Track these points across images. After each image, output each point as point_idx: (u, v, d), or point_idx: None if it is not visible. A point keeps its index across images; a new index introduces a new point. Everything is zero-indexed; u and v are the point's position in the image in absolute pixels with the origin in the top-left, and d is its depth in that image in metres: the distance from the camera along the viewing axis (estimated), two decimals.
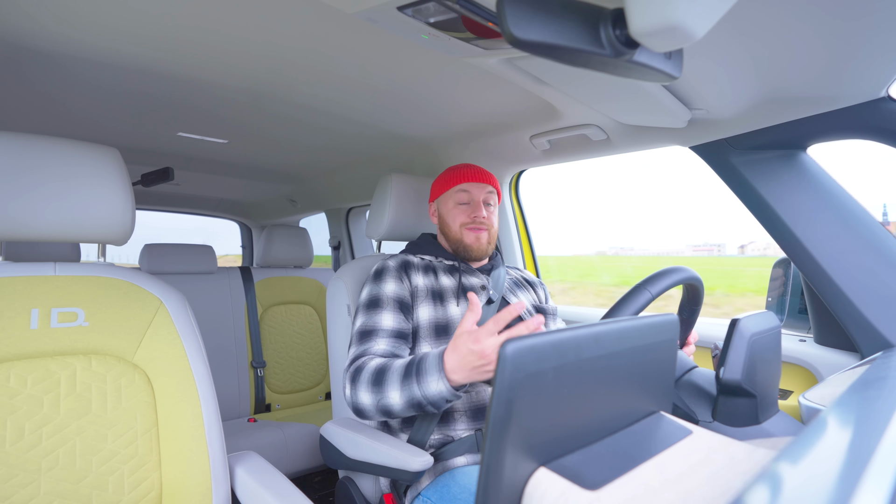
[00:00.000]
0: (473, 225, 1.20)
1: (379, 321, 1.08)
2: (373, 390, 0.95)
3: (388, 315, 1.09)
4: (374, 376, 0.96)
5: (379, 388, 0.94)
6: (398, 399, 0.91)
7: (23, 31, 0.85)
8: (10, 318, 0.82)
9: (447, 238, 1.24)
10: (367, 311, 1.10)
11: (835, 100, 0.91)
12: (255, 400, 2.05)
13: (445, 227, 1.24)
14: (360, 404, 0.97)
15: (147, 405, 0.89)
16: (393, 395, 0.92)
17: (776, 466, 0.34)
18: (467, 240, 1.20)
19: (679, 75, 0.48)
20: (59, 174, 0.84)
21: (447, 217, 1.23)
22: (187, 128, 1.46)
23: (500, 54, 0.84)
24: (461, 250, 1.21)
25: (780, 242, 1.08)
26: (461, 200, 1.22)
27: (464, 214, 1.21)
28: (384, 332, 1.06)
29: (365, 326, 1.08)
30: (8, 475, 0.77)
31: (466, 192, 1.22)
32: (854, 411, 0.50)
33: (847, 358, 1.12)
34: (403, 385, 0.91)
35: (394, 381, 0.93)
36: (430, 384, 0.88)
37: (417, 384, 0.89)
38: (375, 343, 1.05)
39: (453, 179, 1.23)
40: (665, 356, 0.56)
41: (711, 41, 0.72)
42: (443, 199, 1.25)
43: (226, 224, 3.27)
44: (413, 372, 0.91)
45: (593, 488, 0.40)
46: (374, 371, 0.96)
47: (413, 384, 0.90)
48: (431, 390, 0.87)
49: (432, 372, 0.88)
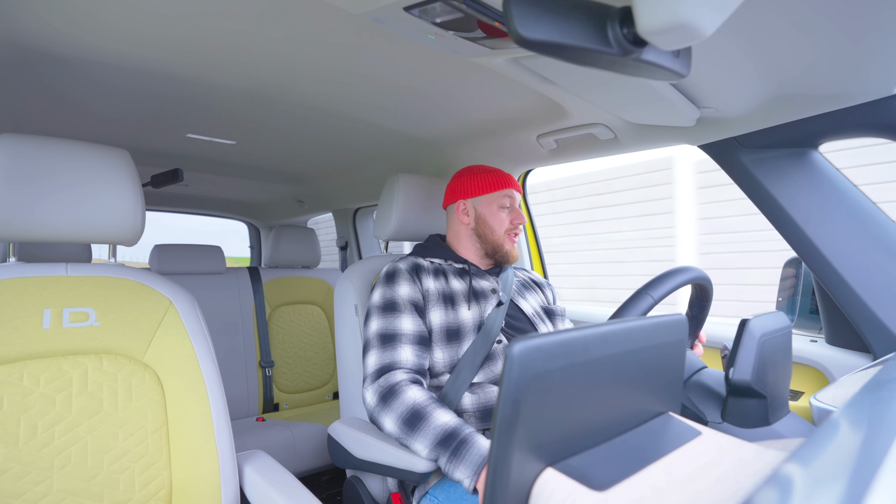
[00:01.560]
0: (514, 231, 1.22)
1: (399, 325, 1.07)
2: (401, 427, 0.93)
3: (406, 319, 1.08)
4: (408, 415, 0.94)
5: (409, 431, 0.92)
6: (422, 452, 0.90)
7: (36, 34, 0.86)
8: (23, 318, 0.83)
9: (485, 241, 1.22)
10: (384, 313, 1.09)
11: (846, 97, 0.90)
12: (263, 399, 2.06)
13: (486, 230, 1.22)
14: (383, 426, 0.97)
15: (157, 404, 0.90)
16: (419, 447, 0.91)
17: (786, 468, 0.33)
18: (507, 246, 1.21)
19: (687, 73, 0.48)
20: (70, 176, 0.85)
21: (490, 220, 1.21)
22: (196, 129, 1.47)
23: (507, 54, 0.84)
24: (500, 255, 1.22)
25: (790, 241, 1.07)
26: (505, 205, 1.22)
27: (507, 220, 1.21)
28: (406, 338, 1.06)
29: (385, 330, 1.07)
30: (21, 473, 0.78)
31: (511, 199, 1.23)
32: (866, 413, 0.49)
33: (859, 359, 1.10)
34: (434, 448, 0.89)
35: (427, 437, 0.90)
36: (457, 471, 0.85)
37: (448, 461, 0.87)
38: (401, 350, 1.04)
39: (499, 183, 1.22)
40: (674, 356, 0.56)
41: (720, 38, 0.71)
42: (484, 200, 1.22)
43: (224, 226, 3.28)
44: (451, 448, 0.87)
45: (601, 489, 0.40)
46: (410, 409, 0.94)
47: (444, 458, 0.87)
48: (455, 476, 0.86)
49: (467, 466, 0.84)
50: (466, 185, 1.24)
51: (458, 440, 0.88)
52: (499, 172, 1.24)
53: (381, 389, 0.99)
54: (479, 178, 1.24)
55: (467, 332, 1.11)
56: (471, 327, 1.12)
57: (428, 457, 0.90)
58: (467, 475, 0.84)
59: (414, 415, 0.93)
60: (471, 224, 1.24)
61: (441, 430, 0.90)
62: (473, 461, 0.84)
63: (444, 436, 0.89)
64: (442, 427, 0.90)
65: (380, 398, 0.98)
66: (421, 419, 0.92)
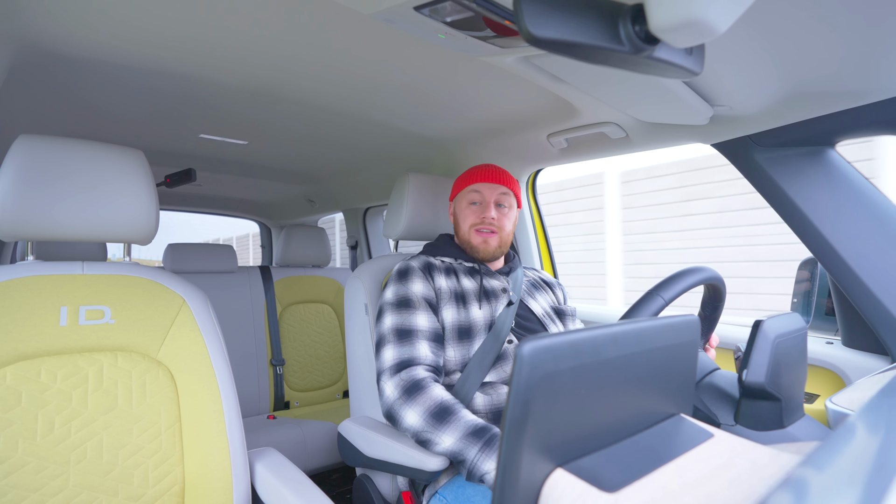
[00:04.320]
0: (482, 226, 1.19)
1: (414, 321, 1.07)
2: (428, 420, 0.93)
3: (422, 315, 1.08)
4: (437, 409, 0.93)
5: (437, 424, 0.92)
6: (448, 445, 0.89)
7: (52, 37, 0.88)
8: (40, 316, 0.85)
9: (458, 238, 1.24)
10: (399, 309, 1.09)
11: (863, 94, 0.88)
12: (274, 397, 2.08)
13: (457, 227, 1.24)
14: (402, 418, 0.95)
15: (171, 401, 0.92)
16: (446, 438, 0.90)
17: (801, 472, 0.33)
18: (474, 241, 1.20)
19: (701, 71, 0.48)
20: (87, 176, 0.87)
21: (459, 217, 1.24)
22: (209, 129, 1.49)
23: (518, 52, 0.84)
24: (469, 251, 1.22)
25: (806, 242, 1.05)
26: (472, 200, 1.22)
27: (474, 215, 1.21)
28: (423, 334, 1.06)
29: (401, 326, 1.06)
30: (39, 467, 0.79)
31: (478, 193, 1.22)
32: (884, 416, 0.48)
33: (876, 361, 1.08)
34: (466, 438, 0.88)
35: (458, 429, 0.90)
36: (487, 462, 0.85)
37: (480, 451, 0.86)
38: (419, 346, 1.04)
39: (468, 179, 1.24)
40: (686, 358, 0.55)
41: (734, 35, 0.70)
42: (458, 198, 1.26)
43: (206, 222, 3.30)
44: (484, 439, 0.87)
45: (612, 490, 0.40)
46: (439, 404, 0.94)
47: (474, 448, 0.86)
48: (483, 468, 0.85)
49: (492, 461, 0.85)
50: (453, 188, 1.29)
51: (491, 434, 0.88)
52: (475, 169, 1.24)
53: (404, 383, 0.98)
54: (458, 179, 1.27)
55: (478, 332, 1.11)
56: (482, 326, 1.12)
57: (452, 448, 0.89)
58: (495, 467, 0.84)
59: (444, 409, 0.93)
60: (453, 224, 1.28)
61: (472, 424, 0.91)
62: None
63: (476, 429, 0.89)
64: (473, 422, 0.91)
65: (403, 391, 0.98)
66: (451, 414, 0.93)
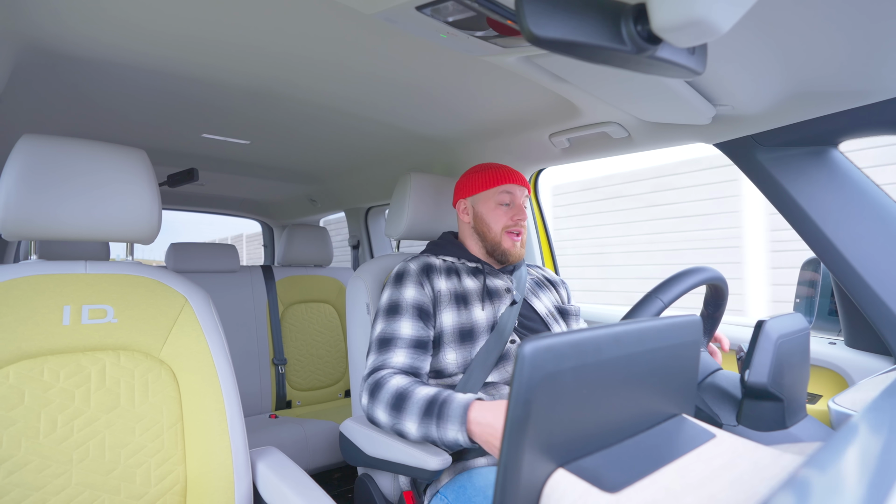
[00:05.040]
0: (515, 228, 1.18)
1: (398, 329, 1.07)
2: (390, 413, 0.95)
3: (406, 323, 1.07)
4: (393, 399, 0.95)
5: (397, 414, 0.94)
6: (414, 431, 0.92)
7: (56, 37, 0.88)
8: (43, 315, 0.85)
9: (483, 239, 1.20)
10: (387, 317, 1.09)
11: (867, 94, 0.88)
12: (276, 396, 2.09)
13: (483, 228, 1.19)
14: (377, 420, 0.98)
15: (173, 400, 0.92)
16: (410, 425, 0.92)
17: (803, 472, 0.33)
18: (506, 244, 1.17)
19: (703, 71, 0.47)
20: (89, 176, 0.87)
21: (487, 217, 1.19)
22: (211, 129, 1.49)
23: (520, 52, 0.84)
24: (498, 253, 1.18)
25: (809, 242, 1.05)
26: (503, 201, 1.18)
27: (506, 217, 1.18)
28: (403, 342, 1.05)
29: (384, 334, 1.07)
30: (42, 466, 0.80)
31: (510, 194, 1.19)
32: (887, 417, 0.48)
33: (879, 362, 1.08)
34: (422, 421, 0.91)
35: (413, 412, 0.92)
36: (448, 431, 0.87)
37: (437, 426, 0.89)
38: (394, 354, 1.04)
39: (496, 179, 1.19)
40: (688, 358, 0.55)
41: (737, 34, 0.70)
42: (482, 197, 1.21)
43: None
44: (434, 413, 0.90)
45: (613, 491, 0.40)
46: (394, 394, 0.96)
47: (432, 425, 0.89)
48: (448, 437, 0.87)
49: (454, 421, 0.87)
50: (466, 184, 1.24)
51: (439, 404, 0.90)
52: (499, 168, 1.21)
53: (369, 387, 1.01)
54: (477, 176, 1.22)
55: (481, 333, 1.11)
56: (484, 327, 1.11)
57: (419, 434, 0.91)
58: (456, 428, 0.86)
59: (398, 397, 0.95)
60: (471, 223, 1.23)
61: (423, 401, 0.92)
62: (456, 414, 0.86)
63: (426, 406, 0.91)
64: (423, 398, 0.92)
65: (369, 395, 1.00)
66: (405, 399, 0.94)
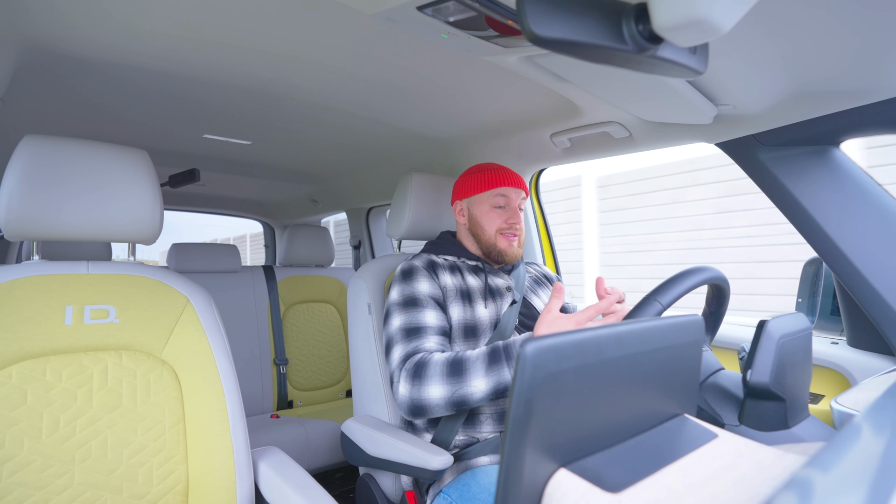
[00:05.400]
0: (509, 231, 1.18)
1: (422, 318, 1.06)
2: (449, 381, 0.93)
3: (430, 313, 1.07)
4: (450, 367, 0.94)
5: (458, 378, 0.92)
6: (482, 387, 0.90)
7: (59, 37, 0.88)
8: (46, 315, 0.85)
9: (479, 240, 1.21)
10: (406, 309, 1.07)
11: (870, 93, 0.88)
12: (277, 396, 2.09)
13: (478, 230, 1.20)
14: (428, 399, 0.94)
15: (175, 400, 0.92)
16: (477, 382, 0.91)
17: (806, 472, 0.33)
18: (501, 245, 1.18)
19: (704, 70, 0.47)
20: (91, 176, 0.87)
21: (482, 219, 1.20)
22: (212, 130, 1.49)
23: (521, 52, 0.84)
24: (493, 254, 1.19)
25: (811, 241, 1.04)
26: (498, 204, 1.19)
27: (500, 219, 1.18)
28: (431, 330, 1.05)
29: (409, 324, 1.05)
30: (44, 465, 0.80)
31: (504, 197, 1.19)
32: (889, 417, 0.48)
33: (882, 361, 1.08)
34: (490, 372, 0.90)
35: (478, 368, 0.91)
36: None
37: (509, 367, 0.88)
38: (426, 340, 1.03)
39: (491, 181, 1.20)
40: (689, 357, 0.55)
41: (739, 34, 0.70)
42: (477, 199, 1.22)
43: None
44: (501, 357, 0.90)
45: (615, 491, 0.39)
46: (449, 362, 0.95)
47: (503, 368, 0.88)
48: None
49: None
50: (462, 185, 1.25)
51: (502, 348, 0.90)
52: (495, 170, 1.22)
53: (409, 372, 0.98)
54: (473, 178, 1.23)
55: (484, 330, 1.11)
56: (487, 325, 1.12)
57: (489, 386, 0.90)
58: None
59: (454, 364, 0.94)
60: (466, 224, 1.24)
61: (483, 356, 0.92)
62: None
63: (489, 357, 0.91)
64: (482, 354, 0.93)
65: (412, 378, 0.97)
66: (462, 362, 0.94)
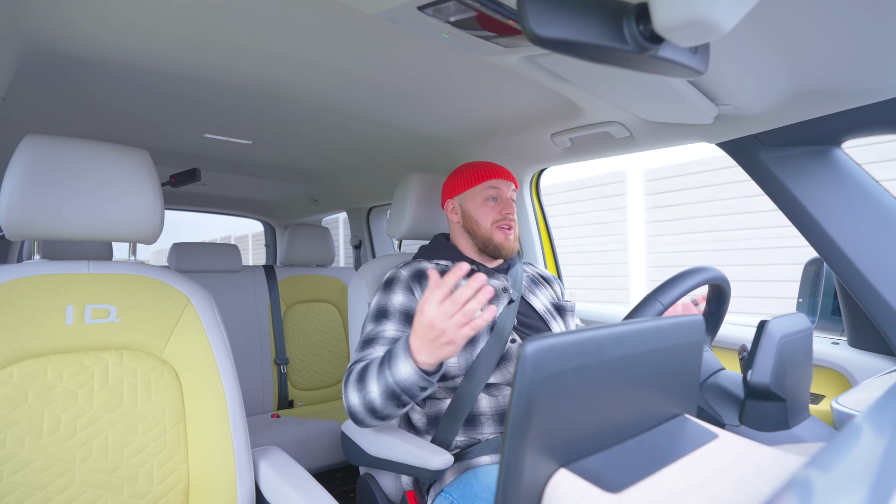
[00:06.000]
0: (504, 223, 1.17)
1: (382, 331, 1.06)
2: (358, 388, 0.93)
3: (392, 325, 1.07)
4: (359, 374, 0.95)
5: (363, 385, 0.93)
6: (377, 392, 0.89)
7: (60, 37, 0.88)
8: (47, 315, 0.85)
9: (474, 236, 1.20)
10: (374, 320, 1.09)
11: (871, 93, 0.88)
12: (278, 396, 2.09)
13: (472, 225, 1.19)
14: (352, 406, 0.95)
15: (175, 399, 0.92)
16: (373, 388, 0.90)
17: (806, 473, 0.33)
18: (497, 239, 1.17)
19: (705, 70, 0.47)
20: (93, 176, 0.87)
21: (475, 214, 1.19)
22: (213, 129, 1.50)
23: (521, 52, 0.84)
24: (490, 249, 1.18)
25: (812, 241, 1.04)
26: (490, 196, 1.18)
27: (494, 212, 1.17)
28: (385, 341, 1.04)
29: (368, 336, 1.07)
30: (45, 465, 0.80)
31: (496, 189, 1.18)
32: (890, 418, 0.48)
33: (883, 362, 1.08)
34: (379, 375, 0.89)
35: (373, 373, 0.91)
36: (399, 368, 0.86)
37: (389, 370, 0.87)
38: (375, 350, 1.03)
39: (481, 175, 1.19)
40: (690, 358, 0.55)
41: (739, 34, 0.70)
42: (468, 195, 1.21)
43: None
44: (386, 360, 0.89)
45: (615, 491, 0.39)
46: (359, 371, 0.96)
47: (386, 372, 0.88)
48: (401, 374, 0.85)
49: (399, 355, 0.86)
50: (452, 184, 1.24)
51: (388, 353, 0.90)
52: (483, 165, 1.21)
53: (346, 379, 0.99)
54: (462, 174, 1.22)
55: (481, 334, 1.10)
56: (484, 329, 1.11)
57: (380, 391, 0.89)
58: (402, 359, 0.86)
59: (362, 371, 0.95)
60: (460, 222, 1.22)
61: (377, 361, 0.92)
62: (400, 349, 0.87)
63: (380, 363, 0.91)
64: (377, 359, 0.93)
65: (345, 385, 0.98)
66: (367, 368, 0.94)
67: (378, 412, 0.92)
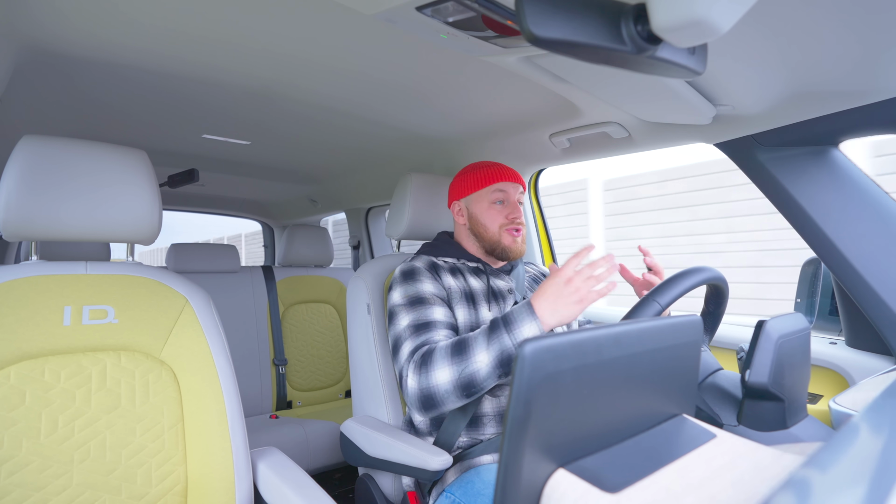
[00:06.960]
0: (512, 226, 1.16)
1: (430, 314, 1.03)
2: (453, 362, 0.91)
3: (437, 309, 1.05)
4: (452, 350, 0.93)
5: (462, 358, 0.91)
6: (486, 360, 0.89)
7: (58, 37, 0.88)
8: (44, 316, 0.85)
9: (481, 239, 1.19)
10: (413, 307, 1.05)
11: (868, 94, 0.88)
12: (276, 397, 2.09)
13: (479, 228, 1.18)
14: (436, 385, 0.91)
15: (173, 400, 0.92)
16: (480, 357, 0.89)
17: (804, 472, 0.33)
18: (505, 242, 1.16)
19: (703, 71, 0.47)
20: (90, 176, 0.87)
21: (482, 217, 1.18)
22: (211, 130, 1.49)
23: (520, 52, 0.84)
24: (498, 252, 1.17)
25: (809, 241, 1.05)
26: (497, 199, 1.18)
27: (501, 215, 1.17)
28: (441, 324, 1.03)
29: (417, 321, 1.03)
30: (43, 466, 0.80)
31: (503, 192, 1.18)
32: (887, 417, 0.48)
33: (880, 361, 1.08)
34: (491, 343, 0.89)
35: (479, 343, 0.90)
36: (523, 330, 0.87)
37: (508, 334, 0.88)
38: (435, 334, 1.01)
39: (488, 178, 1.18)
40: (688, 358, 0.55)
41: (737, 34, 0.70)
42: (475, 197, 1.20)
43: None
44: (500, 326, 0.90)
45: (613, 491, 0.40)
46: (452, 346, 0.93)
47: (503, 336, 0.88)
48: (525, 335, 0.87)
49: (523, 318, 0.88)
50: (458, 185, 1.23)
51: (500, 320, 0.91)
52: (491, 166, 1.20)
53: (417, 363, 0.95)
54: (469, 176, 1.21)
55: None
56: None
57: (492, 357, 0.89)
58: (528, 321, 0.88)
59: (457, 345, 0.93)
60: (466, 224, 1.22)
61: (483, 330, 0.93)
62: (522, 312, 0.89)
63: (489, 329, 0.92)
64: (482, 329, 0.93)
65: (419, 368, 0.94)
66: (464, 342, 0.93)
67: (475, 386, 0.91)
